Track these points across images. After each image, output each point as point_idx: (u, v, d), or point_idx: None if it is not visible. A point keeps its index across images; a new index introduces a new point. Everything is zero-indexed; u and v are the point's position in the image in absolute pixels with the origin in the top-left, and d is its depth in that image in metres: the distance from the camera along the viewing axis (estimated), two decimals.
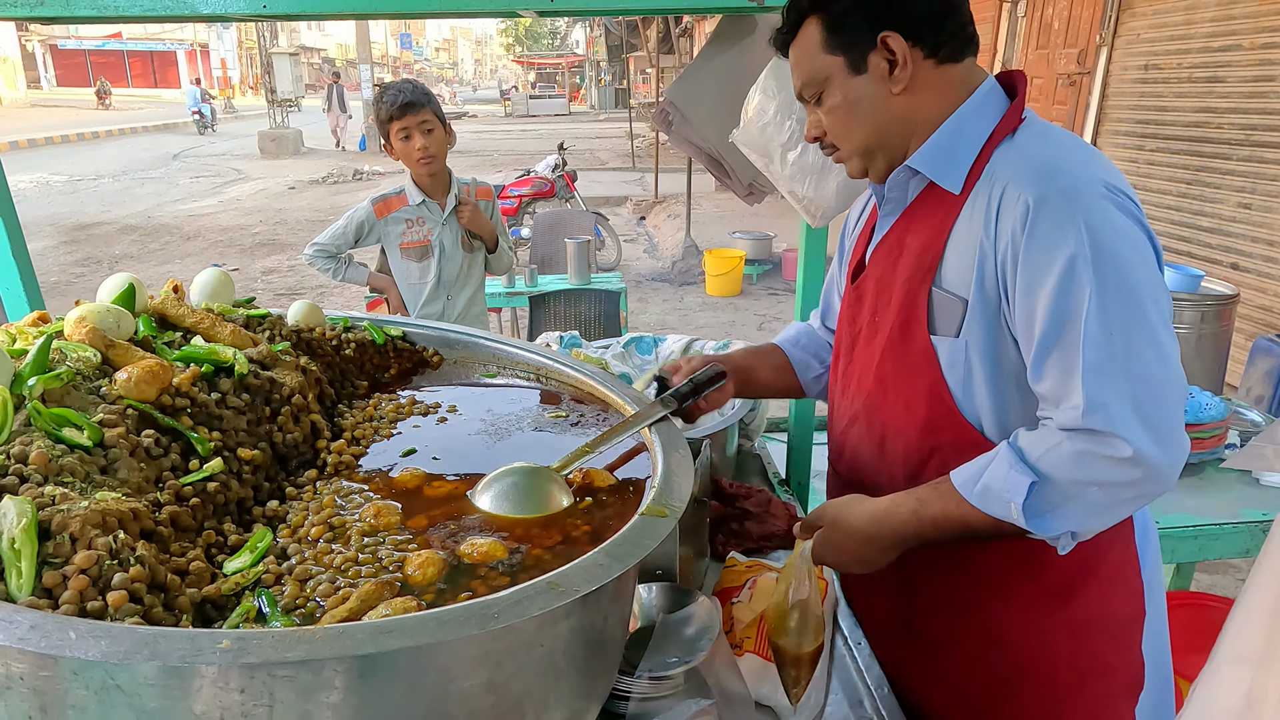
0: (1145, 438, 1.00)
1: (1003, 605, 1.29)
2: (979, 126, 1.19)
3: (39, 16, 1.55)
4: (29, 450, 0.77)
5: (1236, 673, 0.53)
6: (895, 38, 1.16)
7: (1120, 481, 1.03)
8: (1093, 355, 1.03)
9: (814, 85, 1.23)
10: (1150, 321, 1.04)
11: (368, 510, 0.93)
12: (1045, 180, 1.09)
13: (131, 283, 1.09)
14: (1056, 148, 1.16)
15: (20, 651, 0.64)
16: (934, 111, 1.20)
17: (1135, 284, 1.04)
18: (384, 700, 0.72)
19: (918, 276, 1.21)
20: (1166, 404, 1.03)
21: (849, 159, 1.28)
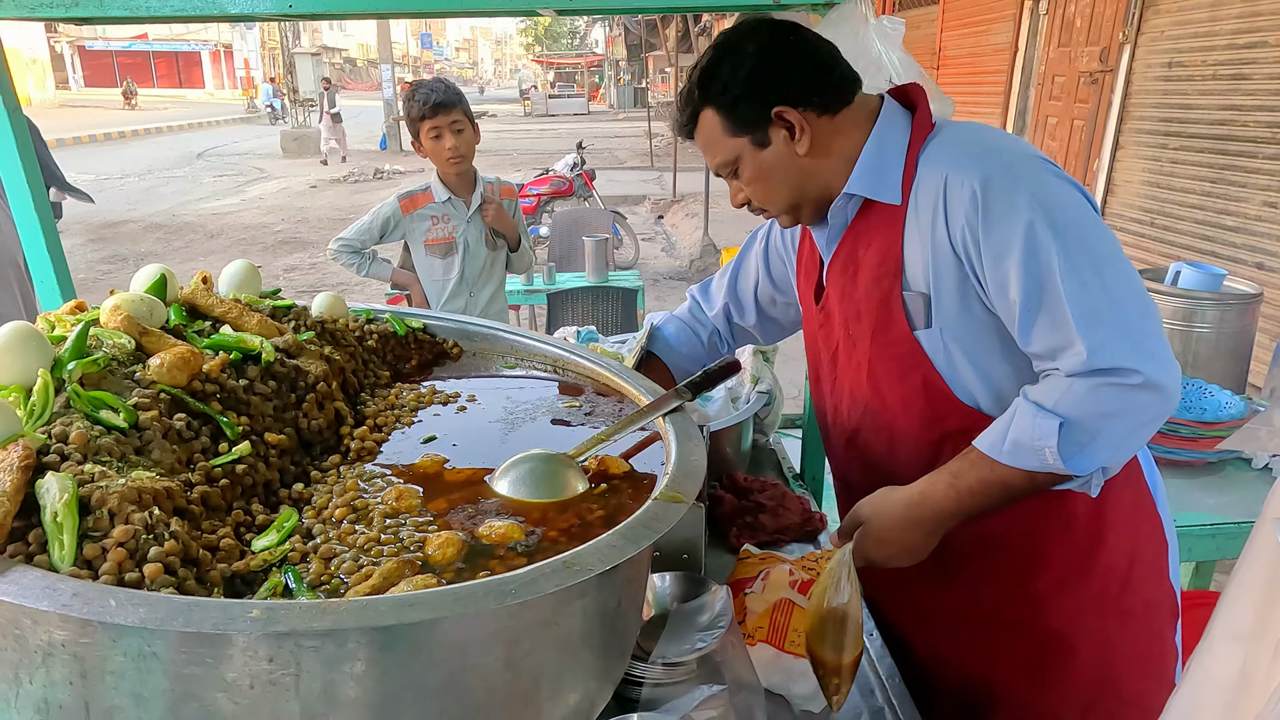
0: (1147, 362, 1.09)
1: (1041, 571, 1.34)
2: (896, 141, 1.28)
3: (74, 17, 1.59)
4: (69, 430, 0.80)
5: (1230, 648, 0.54)
6: (788, 110, 1.25)
7: (1136, 406, 1.11)
8: (1077, 306, 1.11)
9: (727, 165, 1.33)
10: (1113, 260, 1.14)
11: (389, 493, 0.96)
12: (983, 162, 1.19)
13: (163, 273, 1.13)
14: (979, 134, 1.27)
15: (62, 619, 0.67)
16: (846, 150, 1.29)
17: (1087, 234, 1.14)
18: (405, 673, 0.75)
19: (885, 283, 1.29)
20: (1152, 328, 1.13)
21: (778, 215, 1.39)
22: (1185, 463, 2.28)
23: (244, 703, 0.70)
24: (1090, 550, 1.33)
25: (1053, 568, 1.34)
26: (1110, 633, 1.35)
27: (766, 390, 2.04)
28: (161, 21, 1.62)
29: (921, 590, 1.46)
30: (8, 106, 1.68)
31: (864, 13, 1.69)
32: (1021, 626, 1.38)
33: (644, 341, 1.72)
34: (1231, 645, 0.54)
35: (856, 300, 1.35)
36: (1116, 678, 1.37)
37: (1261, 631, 0.51)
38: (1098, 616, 1.35)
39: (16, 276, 2.58)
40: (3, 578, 0.67)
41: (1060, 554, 1.34)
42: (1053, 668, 1.37)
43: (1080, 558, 1.33)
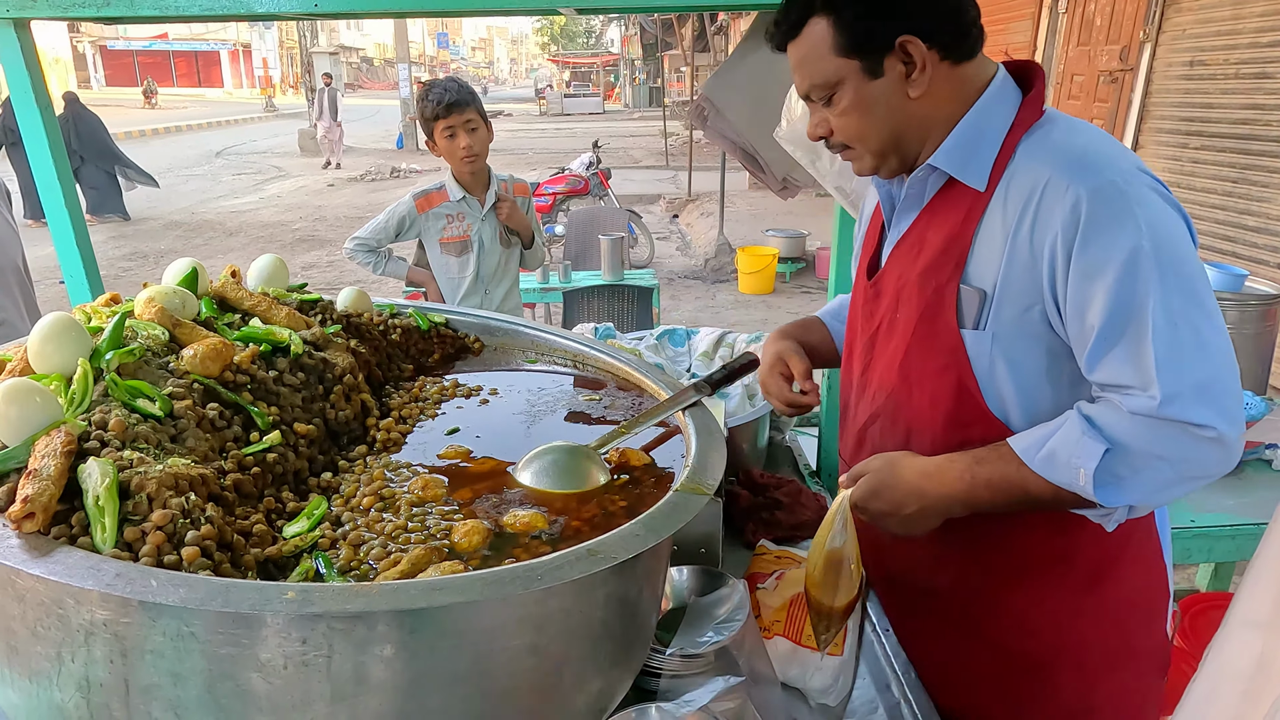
0: (1221, 419, 1.02)
1: (1034, 589, 1.30)
2: (997, 121, 1.18)
3: (105, 16, 1.63)
4: (108, 418, 0.83)
5: (1247, 636, 0.55)
6: (914, 42, 1.13)
7: (1196, 457, 1.05)
8: (1163, 347, 1.03)
9: (824, 88, 1.20)
10: (1207, 307, 1.06)
11: (415, 483, 0.98)
12: (1094, 171, 1.08)
13: (195, 267, 1.15)
14: (1092, 139, 1.15)
15: (104, 599, 0.70)
16: (949, 110, 1.19)
17: (1190, 273, 1.06)
18: (433, 657, 0.77)
19: (945, 271, 1.20)
20: (1232, 383, 1.05)
21: (860, 159, 1.27)
22: None
23: (277, 683, 0.72)
24: (1088, 583, 1.28)
25: (1045, 590, 1.30)
26: (1095, 674, 1.31)
27: None
28: (190, 20, 1.65)
29: (914, 578, 1.43)
30: (40, 105, 1.72)
31: None
32: (1007, 650, 1.34)
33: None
34: (1249, 633, 0.54)
35: (910, 283, 1.26)
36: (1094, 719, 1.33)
37: (1279, 619, 0.52)
38: (1085, 655, 1.30)
39: (17, 280, 2.63)
40: (49, 558, 0.69)
41: (1057, 578, 1.29)
42: (1032, 698, 1.34)
43: (1077, 587, 1.28)
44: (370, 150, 20.90)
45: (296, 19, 1.73)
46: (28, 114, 1.70)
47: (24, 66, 1.67)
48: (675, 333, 2.31)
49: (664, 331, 2.30)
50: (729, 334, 2.25)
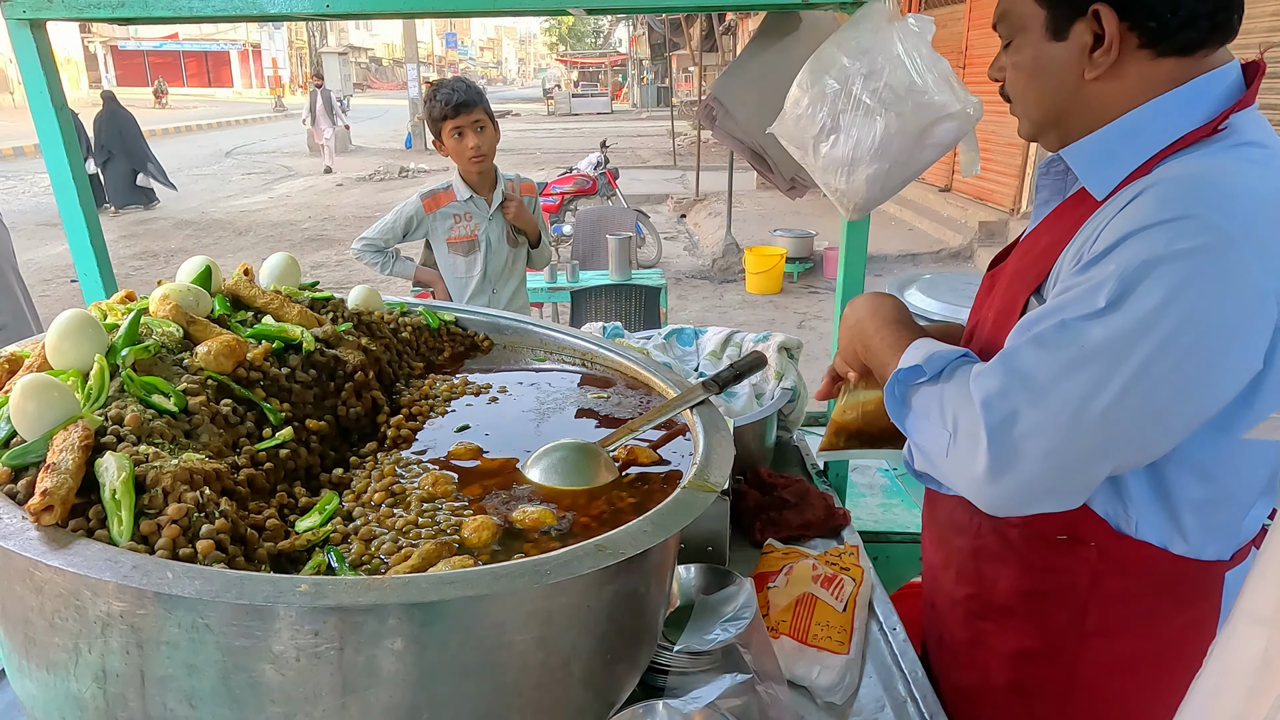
0: (997, 454, 0.90)
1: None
2: (1162, 127, 0.98)
3: (120, 17, 1.64)
4: (124, 413, 0.84)
5: (1253, 632, 0.55)
6: (1108, 13, 0.95)
7: (961, 451, 0.95)
8: (1047, 347, 0.91)
9: (1007, 25, 1.06)
10: (1145, 394, 0.87)
11: (426, 479, 0.99)
12: (1192, 201, 0.89)
13: (209, 265, 1.16)
14: (1235, 161, 0.94)
15: (120, 590, 0.71)
16: (1132, 106, 1.00)
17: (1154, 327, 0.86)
18: (443, 650, 0.78)
19: (1027, 279, 1.08)
20: (1044, 450, 0.90)
21: (1020, 119, 1.13)
22: None
23: (290, 674, 0.73)
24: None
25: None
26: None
27: (791, 387, 2.05)
28: (203, 21, 1.66)
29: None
30: (55, 105, 1.74)
31: (889, 11, 1.70)
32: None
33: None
34: (1255, 628, 0.55)
35: (1005, 286, 1.15)
36: None
37: None
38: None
39: (16, 279, 2.65)
40: (67, 550, 0.70)
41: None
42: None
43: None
44: (379, 150, 20.97)
45: (308, 19, 1.75)
46: (43, 114, 1.72)
47: (40, 67, 1.69)
48: (683, 332, 2.32)
49: (672, 331, 2.31)
50: (737, 333, 2.25)
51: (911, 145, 1.83)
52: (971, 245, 8.97)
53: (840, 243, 1.99)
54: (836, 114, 1.83)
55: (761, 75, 2.04)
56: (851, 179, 1.85)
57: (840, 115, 1.84)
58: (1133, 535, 1.06)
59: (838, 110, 1.83)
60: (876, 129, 1.83)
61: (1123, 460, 0.93)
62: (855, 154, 1.81)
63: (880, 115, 1.83)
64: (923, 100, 1.78)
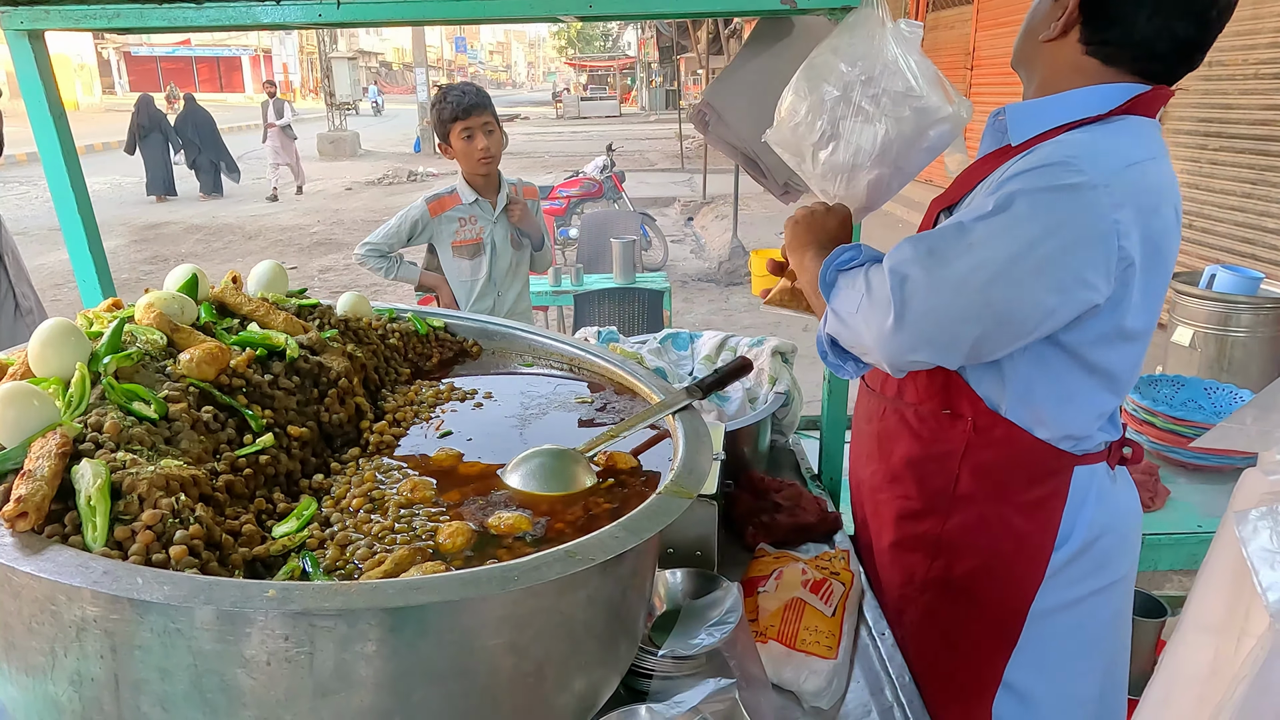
0: (899, 308, 1.13)
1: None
2: (1077, 108, 1.21)
3: (115, 27, 1.66)
4: (104, 420, 0.85)
5: (1201, 640, 0.56)
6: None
7: (869, 309, 1.18)
8: (938, 234, 1.17)
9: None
10: (1007, 268, 1.11)
11: (405, 485, 1.00)
12: (1065, 150, 1.14)
13: (195, 273, 1.18)
14: (1110, 136, 1.18)
15: (94, 595, 0.72)
16: (1053, 82, 1.24)
17: (1024, 241, 1.11)
18: (414, 655, 0.78)
19: (944, 201, 1.32)
20: (931, 307, 1.14)
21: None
22: (1215, 468, 2.25)
23: (261, 679, 0.74)
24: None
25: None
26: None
27: (784, 391, 2.05)
28: (197, 31, 1.68)
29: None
30: (54, 114, 1.76)
31: (881, 16, 1.70)
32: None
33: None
34: (1203, 637, 0.55)
35: (930, 210, 1.40)
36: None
37: (1230, 622, 0.52)
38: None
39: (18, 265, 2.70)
40: (40, 555, 0.71)
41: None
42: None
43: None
44: (388, 154, 21.06)
45: (302, 28, 1.76)
46: (41, 123, 1.74)
47: (38, 77, 1.71)
48: (679, 336, 2.32)
49: (667, 335, 2.32)
50: (732, 338, 2.26)
51: (908, 149, 1.83)
52: None
53: None
54: (836, 121, 1.83)
55: (754, 81, 2.04)
56: (852, 186, 1.84)
57: (840, 122, 1.84)
58: (1002, 414, 1.30)
59: (837, 117, 1.83)
60: (876, 135, 1.83)
61: (985, 330, 1.15)
62: (855, 160, 1.81)
63: (879, 121, 1.83)
64: (919, 104, 1.78)
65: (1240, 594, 0.52)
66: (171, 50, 46.20)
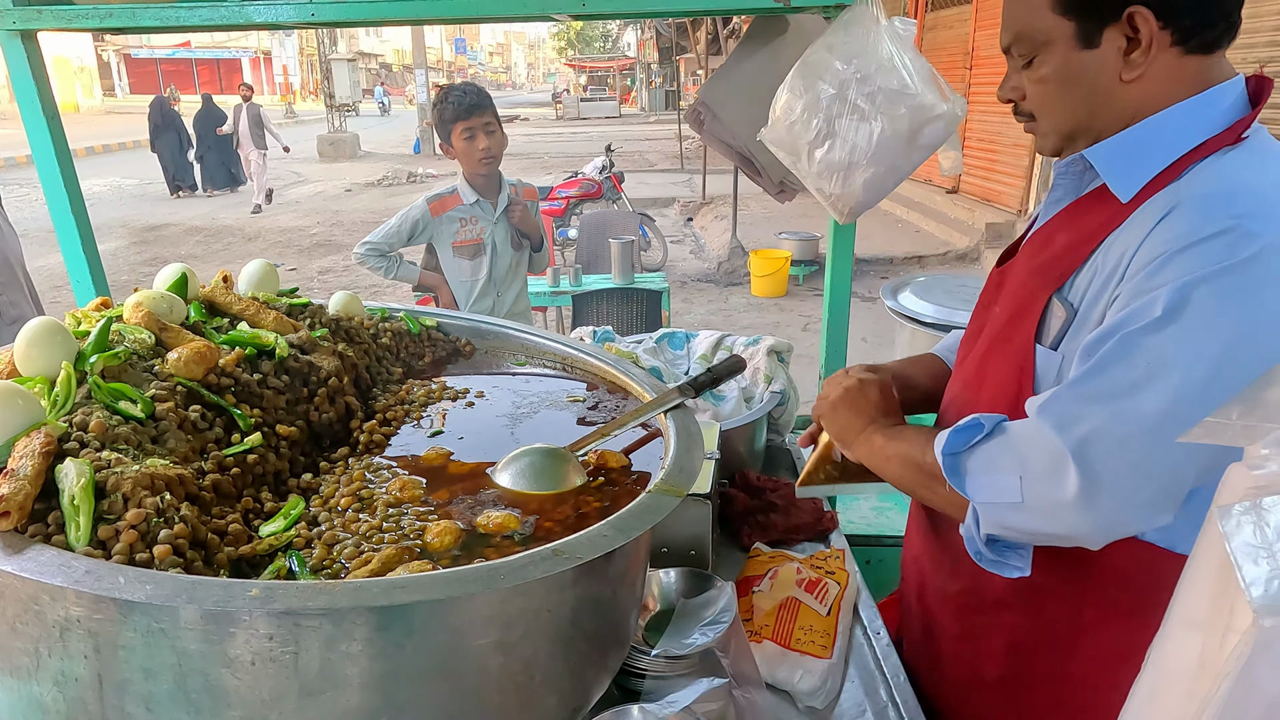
0: (1087, 475, 0.91)
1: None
2: (1189, 131, 1.02)
3: (108, 27, 1.66)
4: (89, 419, 0.85)
5: (1188, 635, 0.55)
6: (1145, 15, 0.98)
7: (1043, 486, 0.95)
8: (1112, 363, 0.93)
9: (1027, 44, 1.06)
10: (1210, 385, 0.89)
11: (394, 484, 0.99)
12: (1222, 208, 0.93)
13: (184, 272, 1.17)
14: (1262, 177, 0.98)
15: (78, 595, 0.72)
16: (1163, 107, 1.03)
17: (1236, 343, 0.89)
18: (400, 654, 0.78)
19: (1047, 279, 1.10)
20: (1132, 463, 0.91)
21: (1045, 135, 1.13)
22: None
23: (245, 678, 0.73)
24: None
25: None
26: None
27: (780, 390, 2.05)
28: (190, 31, 1.68)
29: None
30: (46, 114, 1.76)
31: (875, 14, 1.70)
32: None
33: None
34: (1189, 632, 0.54)
35: (1020, 281, 1.16)
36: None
37: (1216, 618, 0.52)
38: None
39: (24, 277, 2.68)
40: (22, 555, 0.71)
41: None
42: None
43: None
44: (387, 155, 21.07)
45: (294, 28, 1.76)
46: (34, 123, 1.75)
47: (30, 77, 1.71)
48: (675, 336, 2.32)
49: (663, 335, 2.31)
50: (728, 337, 2.25)
51: (903, 147, 1.83)
52: (978, 247, 8.93)
53: (828, 242, 1.99)
54: (831, 119, 1.83)
55: (750, 80, 2.04)
56: (847, 183, 1.84)
57: (835, 120, 1.84)
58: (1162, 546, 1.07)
59: (833, 115, 1.83)
60: (872, 133, 1.83)
61: (1205, 464, 0.91)
62: (851, 158, 1.81)
63: (874, 119, 1.83)
64: (913, 102, 1.78)
65: (1225, 589, 0.51)
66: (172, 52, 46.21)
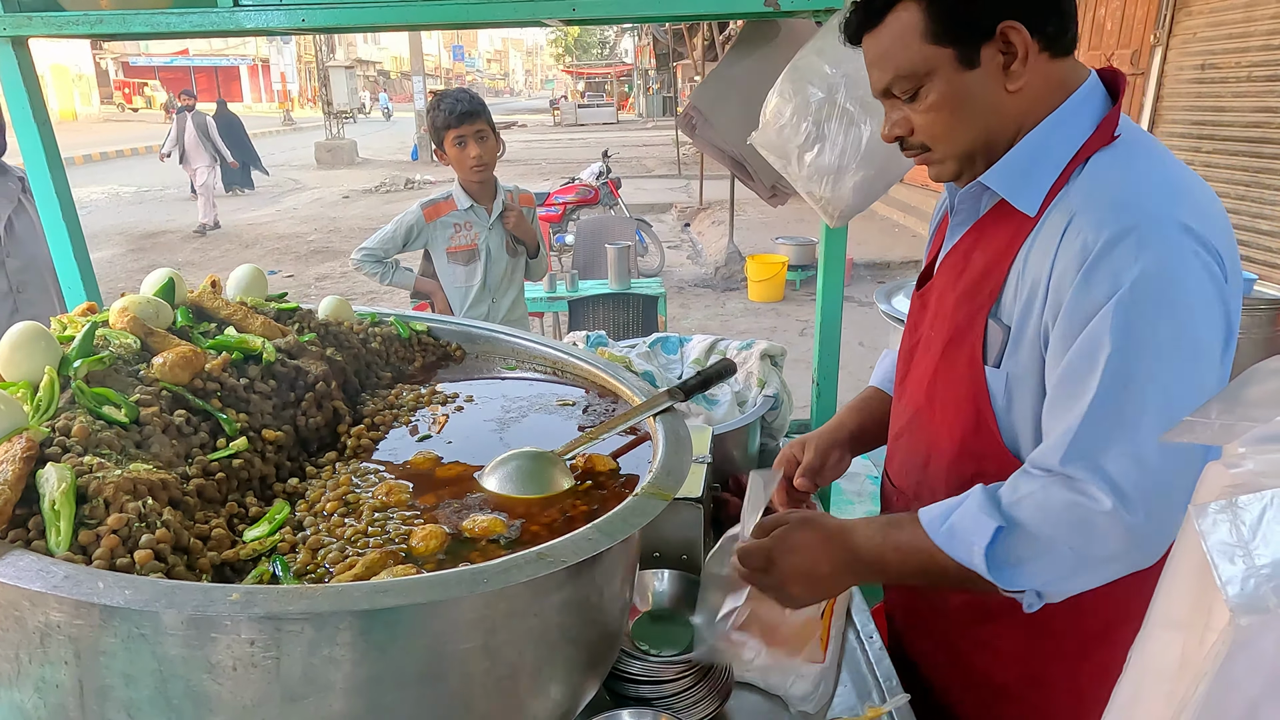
0: (1130, 496, 0.93)
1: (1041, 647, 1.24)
2: (1067, 139, 1.08)
3: (98, 34, 1.66)
4: (72, 424, 0.85)
5: (1168, 636, 0.55)
6: (1018, 29, 1.03)
7: (1095, 539, 0.96)
8: (1099, 405, 0.96)
9: (909, 80, 1.08)
10: (1180, 382, 0.95)
11: (380, 488, 0.99)
12: (1112, 216, 0.99)
13: (171, 277, 1.17)
14: (1136, 176, 1.04)
15: (59, 600, 0.71)
16: (1042, 110, 1.08)
17: (1179, 339, 0.95)
18: (383, 659, 0.77)
19: (977, 301, 1.13)
20: (1165, 470, 0.94)
21: (943, 161, 1.14)
22: None
23: (227, 684, 0.73)
24: (1096, 641, 1.20)
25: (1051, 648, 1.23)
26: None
27: (773, 394, 2.04)
28: (179, 37, 1.68)
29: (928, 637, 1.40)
30: (38, 121, 1.76)
31: None
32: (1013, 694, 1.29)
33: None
34: (1169, 633, 0.54)
35: (948, 304, 1.20)
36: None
37: (1194, 618, 0.52)
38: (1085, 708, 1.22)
39: (52, 279, 2.68)
40: (1, 560, 0.70)
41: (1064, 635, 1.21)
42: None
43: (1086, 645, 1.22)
44: (385, 162, 21.08)
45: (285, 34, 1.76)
46: (25, 129, 1.75)
47: (22, 83, 1.71)
48: (668, 340, 2.32)
49: (657, 339, 2.31)
50: (721, 341, 2.25)
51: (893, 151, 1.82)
52: None
53: (819, 246, 2.00)
54: (821, 123, 1.83)
55: (740, 85, 2.04)
56: (837, 187, 1.85)
57: (825, 124, 1.84)
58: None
59: (822, 119, 1.83)
60: (861, 136, 1.83)
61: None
62: (841, 162, 1.81)
63: (863, 122, 1.83)
64: None
65: (1204, 589, 0.51)
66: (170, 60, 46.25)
